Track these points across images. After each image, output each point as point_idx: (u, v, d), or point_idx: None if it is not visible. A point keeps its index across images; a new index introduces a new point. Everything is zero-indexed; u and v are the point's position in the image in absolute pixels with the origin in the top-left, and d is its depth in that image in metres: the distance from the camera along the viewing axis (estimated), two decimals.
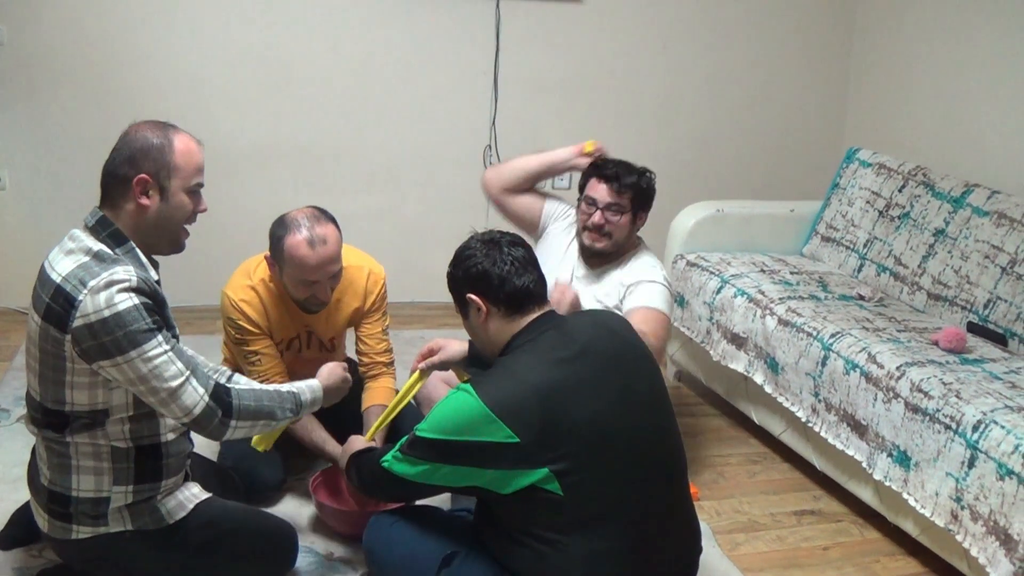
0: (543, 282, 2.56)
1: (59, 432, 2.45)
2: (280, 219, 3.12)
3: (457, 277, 2.56)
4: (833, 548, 3.41)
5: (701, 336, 4.25)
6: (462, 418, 2.30)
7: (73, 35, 4.67)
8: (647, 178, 3.47)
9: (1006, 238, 3.85)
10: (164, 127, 2.47)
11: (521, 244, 2.56)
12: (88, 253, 2.38)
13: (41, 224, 4.85)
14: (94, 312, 2.29)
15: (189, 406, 2.39)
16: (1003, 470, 2.84)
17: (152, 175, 2.41)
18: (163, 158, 2.42)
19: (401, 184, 5.30)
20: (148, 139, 2.43)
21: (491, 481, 2.31)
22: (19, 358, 4.31)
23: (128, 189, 2.41)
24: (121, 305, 2.29)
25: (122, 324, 2.29)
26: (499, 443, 2.26)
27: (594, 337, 2.47)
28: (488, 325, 2.51)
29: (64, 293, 2.32)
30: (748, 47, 5.64)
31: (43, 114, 4.75)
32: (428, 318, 5.22)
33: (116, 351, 2.30)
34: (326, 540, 3.14)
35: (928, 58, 5.10)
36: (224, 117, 4.82)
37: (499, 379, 2.37)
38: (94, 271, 2.33)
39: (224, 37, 4.86)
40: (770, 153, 5.83)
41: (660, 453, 2.48)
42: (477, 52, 5.19)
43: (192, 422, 2.42)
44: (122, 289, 2.30)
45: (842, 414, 3.48)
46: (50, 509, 2.54)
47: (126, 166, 2.41)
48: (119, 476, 2.51)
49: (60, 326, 2.32)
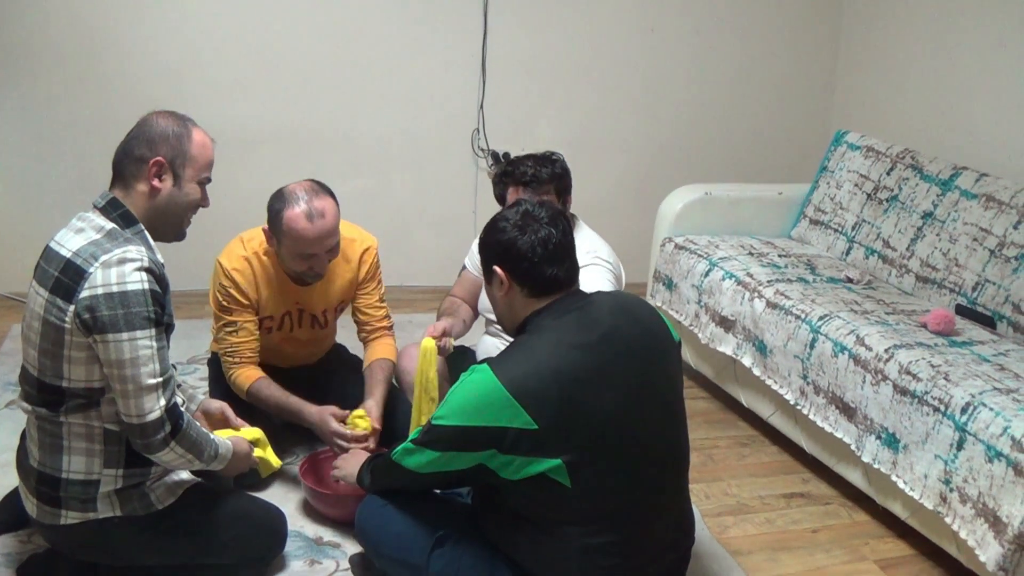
0: (575, 267, 2.47)
1: (54, 411, 2.45)
2: (278, 192, 3.13)
3: (488, 244, 2.48)
4: (822, 531, 3.42)
5: (689, 319, 4.25)
6: (480, 400, 2.25)
7: (61, 21, 4.64)
8: (559, 162, 3.38)
9: (994, 220, 3.86)
10: (183, 119, 2.55)
11: (560, 223, 2.45)
12: (99, 231, 2.43)
13: (29, 211, 4.83)
14: (103, 285, 2.33)
15: (145, 409, 2.39)
16: (991, 452, 2.85)
17: (168, 160, 2.49)
18: (181, 146, 2.51)
19: (389, 168, 5.29)
20: (168, 126, 2.51)
21: (502, 466, 2.27)
22: (8, 344, 4.29)
23: (143, 170, 2.47)
24: (131, 285, 2.34)
25: (126, 303, 2.33)
26: (518, 429, 2.21)
27: (617, 323, 2.40)
28: (510, 299, 2.45)
29: (75, 266, 2.36)
30: (736, 30, 5.63)
31: (31, 101, 4.73)
32: (417, 301, 5.21)
33: (111, 327, 2.32)
34: (315, 524, 3.13)
35: (916, 41, 5.10)
36: (212, 102, 4.80)
37: (517, 360, 2.31)
38: (106, 247, 2.37)
39: (211, 22, 4.83)
40: (758, 136, 5.83)
41: (668, 449, 2.46)
42: (465, 35, 5.18)
43: (139, 426, 2.40)
44: (136, 268, 2.35)
45: (830, 396, 3.48)
46: (39, 492, 2.53)
47: (143, 147, 2.48)
48: (110, 458, 2.50)
49: (67, 296, 2.35)
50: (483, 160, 5.34)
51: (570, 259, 2.46)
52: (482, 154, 5.32)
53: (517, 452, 2.24)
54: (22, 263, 4.88)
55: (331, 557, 2.98)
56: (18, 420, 2.62)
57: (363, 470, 2.69)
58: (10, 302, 4.77)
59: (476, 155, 5.34)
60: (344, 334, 3.73)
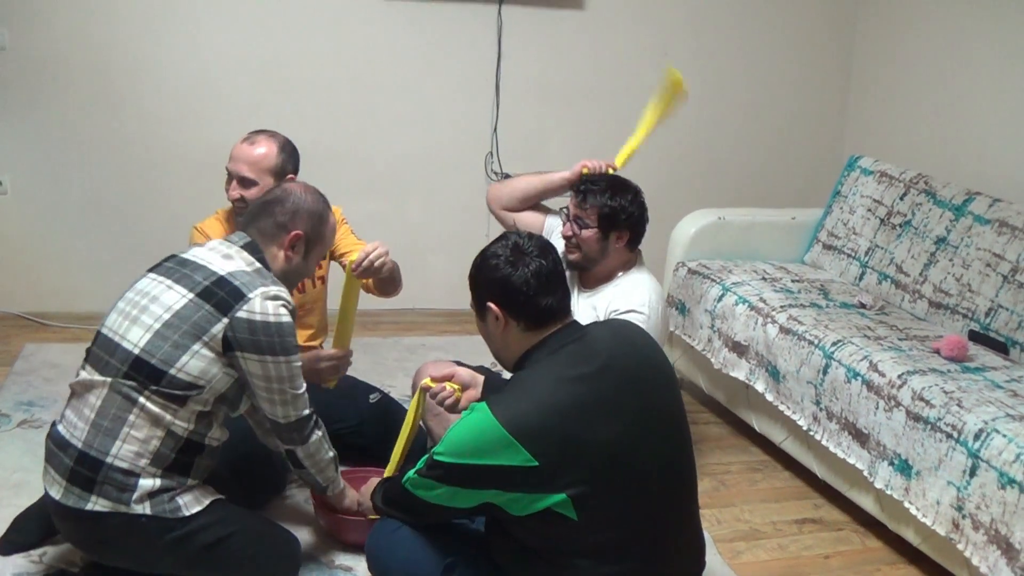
0: (567, 296, 2.48)
1: (141, 386, 2.54)
2: None
3: (479, 281, 2.49)
4: (834, 557, 3.41)
5: (702, 344, 4.25)
6: (478, 440, 2.24)
7: (76, 40, 4.68)
8: (620, 202, 3.36)
9: (1007, 246, 3.85)
10: (324, 199, 2.89)
11: (549, 254, 2.46)
12: (251, 265, 2.69)
13: (42, 229, 4.86)
14: (260, 313, 2.58)
15: (300, 410, 2.72)
16: (1004, 479, 2.84)
17: (306, 236, 2.81)
18: (320, 226, 2.85)
19: (402, 190, 5.31)
20: (315, 205, 2.84)
21: (508, 503, 2.26)
22: (19, 363, 4.30)
23: (281, 236, 2.78)
24: (284, 319, 2.62)
25: (281, 333, 2.61)
26: (517, 467, 2.20)
27: (616, 353, 2.39)
28: (506, 335, 2.45)
29: (232, 285, 2.60)
30: (749, 54, 5.64)
31: (45, 119, 4.76)
32: (429, 324, 5.22)
33: (268, 351, 2.60)
34: (327, 548, 3.13)
35: (929, 66, 5.11)
36: (226, 123, 4.81)
37: (516, 397, 2.30)
38: (262, 281, 2.64)
39: (226, 43, 4.86)
40: (772, 161, 5.83)
41: (675, 476, 2.44)
42: (479, 58, 5.20)
43: (296, 422, 2.73)
44: (284, 306, 2.63)
45: (843, 422, 3.48)
46: (74, 473, 2.54)
47: (287, 216, 2.78)
48: (158, 459, 2.57)
49: (221, 309, 2.57)
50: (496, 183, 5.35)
51: (562, 287, 2.46)
52: (495, 177, 5.33)
53: (522, 489, 2.23)
54: (36, 283, 4.93)
55: None
56: (30, 440, 2.63)
57: (375, 493, 2.70)
58: (23, 321, 4.79)
59: (489, 178, 5.34)
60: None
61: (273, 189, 2.89)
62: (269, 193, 2.86)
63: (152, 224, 4.84)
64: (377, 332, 4.97)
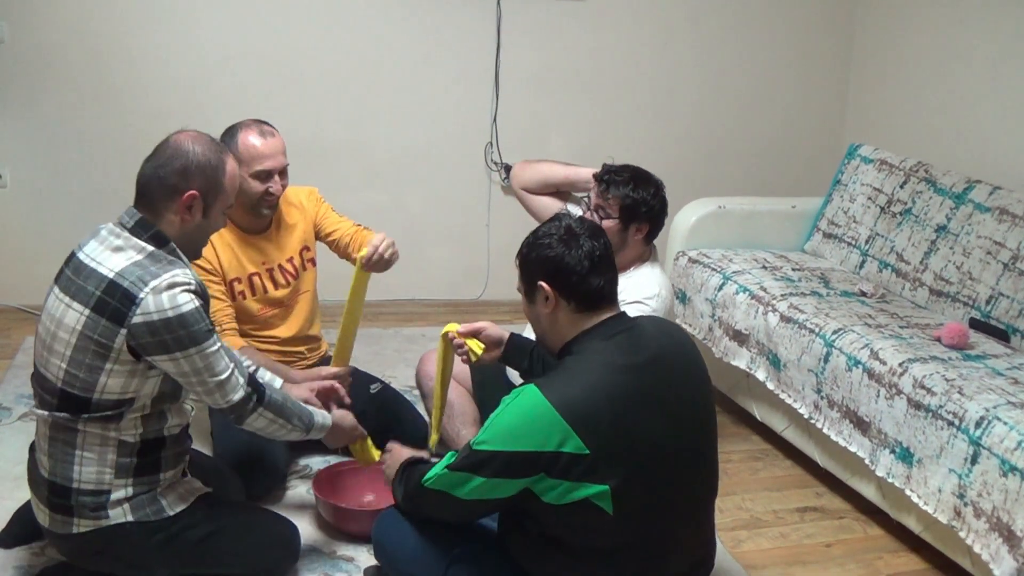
0: (616, 281, 2.44)
1: (74, 417, 2.48)
2: (226, 130, 3.36)
3: (530, 260, 2.43)
4: (836, 545, 3.41)
5: (703, 333, 4.25)
6: (531, 422, 2.17)
7: (74, 33, 4.67)
8: (641, 194, 3.33)
9: (1008, 234, 3.85)
10: (218, 146, 2.59)
11: (600, 237, 2.43)
12: (141, 252, 2.47)
13: (42, 222, 4.86)
14: (157, 311, 2.39)
15: (231, 394, 2.55)
16: (1006, 466, 2.84)
17: (202, 193, 2.52)
18: (216, 177, 2.55)
19: (402, 181, 5.30)
20: (205, 157, 2.52)
21: (547, 489, 2.20)
22: (20, 356, 4.31)
23: (174, 201, 2.51)
24: (185, 307, 2.41)
25: (185, 324, 2.41)
26: (568, 454, 2.15)
27: (664, 347, 2.38)
28: (555, 316, 2.39)
29: (121, 289, 2.40)
30: (749, 43, 5.64)
31: (44, 112, 4.75)
32: (430, 315, 5.21)
33: (177, 347, 2.43)
34: (329, 537, 3.13)
35: (929, 54, 5.10)
36: (224, 116, 4.76)
37: (567, 380, 2.25)
38: (152, 271, 2.43)
39: (224, 35, 4.86)
40: (772, 149, 5.83)
41: (705, 476, 2.45)
42: (478, 49, 5.19)
43: (230, 408, 2.58)
44: (184, 291, 2.42)
45: (844, 410, 3.48)
46: (51, 502, 2.55)
47: (176, 177, 2.50)
48: (121, 469, 2.54)
49: (116, 320, 2.40)
50: (496, 174, 5.34)
51: (613, 271, 2.43)
52: (495, 167, 5.33)
53: (567, 477, 2.18)
54: (36, 276, 4.89)
55: (344, 571, 2.98)
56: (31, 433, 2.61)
57: (395, 482, 2.60)
58: (23, 314, 4.79)
59: (489, 168, 5.34)
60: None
61: (158, 148, 2.55)
62: (155, 156, 2.54)
63: None
64: (377, 323, 4.97)
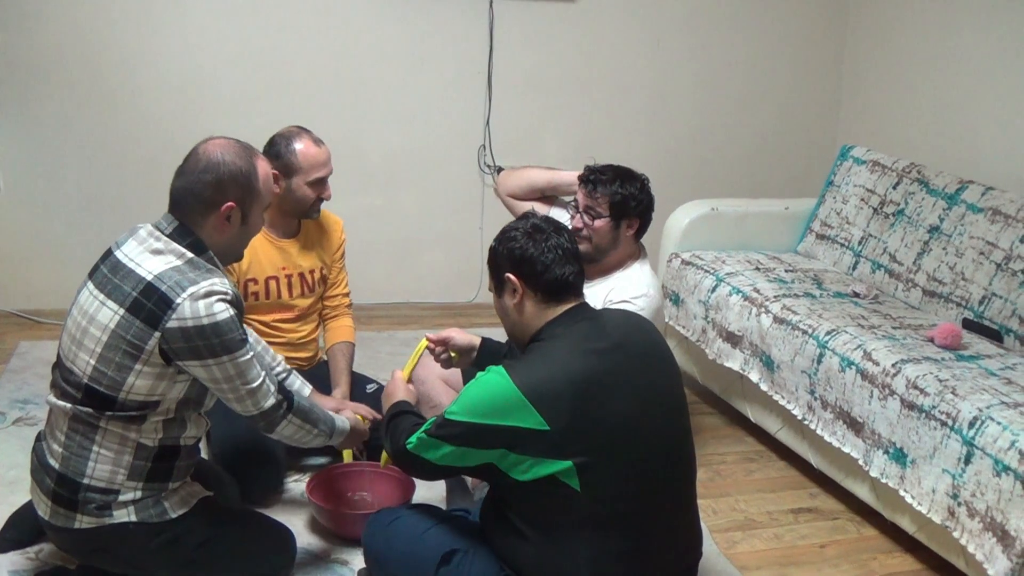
0: (582, 274, 2.54)
1: (97, 413, 2.49)
2: (272, 139, 3.43)
3: (499, 253, 2.54)
4: (830, 546, 3.41)
5: (696, 335, 4.25)
6: (494, 400, 2.28)
7: (69, 37, 4.66)
8: (629, 189, 3.37)
9: (1000, 234, 3.86)
10: (246, 150, 2.60)
11: (565, 233, 2.54)
12: (181, 258, 2.49)
13: (37, 226, 4.85)
14: (192, 318, 2.41)
15: (262, 401, 2.61)
16: (999, 466, 2.85)
17: (239, 202, 2.55)
18: (250, 184, 2.57)
19: (395, 184, 5.30)
20: (236, 165, 2.54)
21: (512, 465, 2.30)
22: (15, 361, 4.30)
23: (212, 214, 2.53)
24: (220, 316, 2.43)
25: (219, 332, 2.44)
26: (529, 429, 2.24)
27: (627, 333, 2.48)
28: (522, 307, 2.50)
29: (159, 292, 2.42)
30: (741, 44, 5.64)
31: (39, 116, 4.74)
32: (424, 319, 5.21)
33: (209, 354, 2.45)
34: (323, 541, 3.13)
35: (921, 55, 5.11)
36: (218, 118, 4.81)
37: (533, 363, 2.36)
38: (191, 277, 2.45)
39: (218, 38, 4.85)
40: (764, 151, 5.83)
41: (677, 458, 2.49)
42: (471, 51, 5.19)
43: (260, 415, 2.64)
44: (221, 299, 2.44)
45: (838, 411, 3.48)
46: (56, 494, 2.54)
47: (211, 190, 2.51)
48: (134, 472, 2.54)
49: (151, 322, 2.42)
50: (489, 176, 5.34)
51: (578, 264, 2.52)
52: (488, 170, 5.33)
53: (528, 453, 2.27)
54: (30, 281, 4.92)
55: (339, 574, 2.98)
56: (25, 437, 2.64)
57: (384, 431, 2.69)
58: (18, 319, 4.78)
59: (482, 171, 5.34)
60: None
61: (188, 160, 2.58)
62: (185, 169, 2.56)
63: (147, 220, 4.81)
64: (371, 326, 4.96)
